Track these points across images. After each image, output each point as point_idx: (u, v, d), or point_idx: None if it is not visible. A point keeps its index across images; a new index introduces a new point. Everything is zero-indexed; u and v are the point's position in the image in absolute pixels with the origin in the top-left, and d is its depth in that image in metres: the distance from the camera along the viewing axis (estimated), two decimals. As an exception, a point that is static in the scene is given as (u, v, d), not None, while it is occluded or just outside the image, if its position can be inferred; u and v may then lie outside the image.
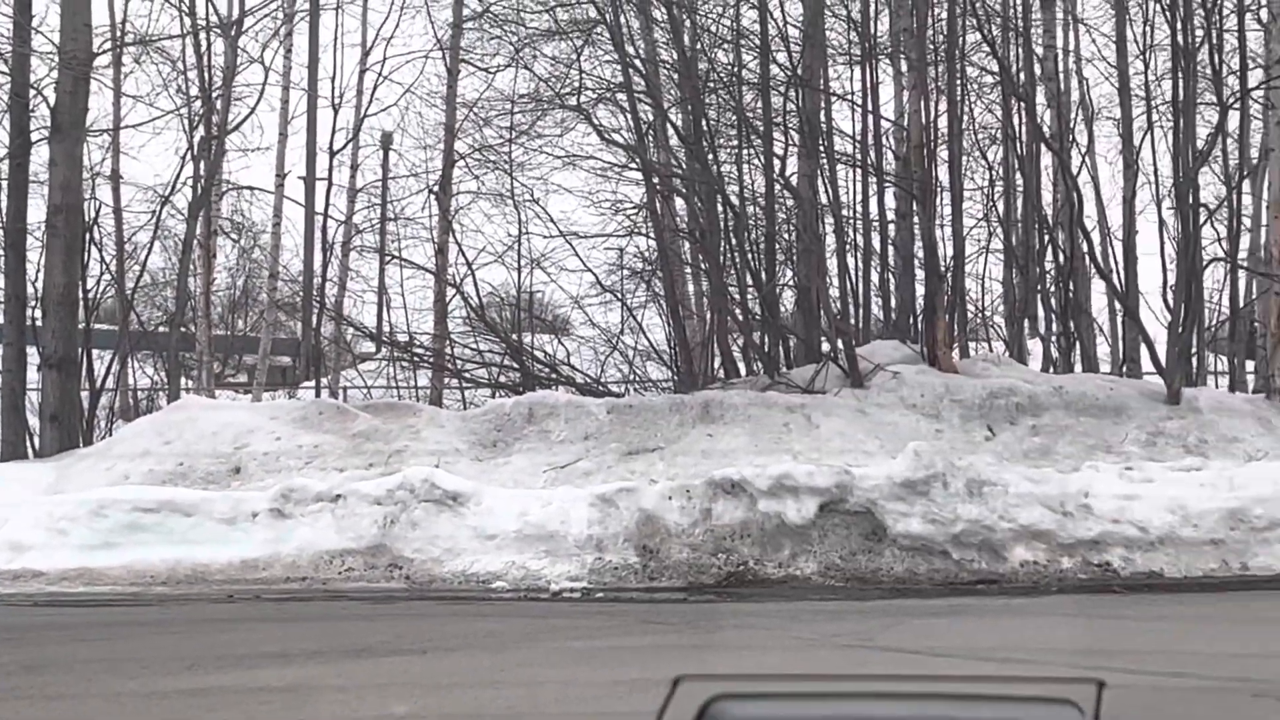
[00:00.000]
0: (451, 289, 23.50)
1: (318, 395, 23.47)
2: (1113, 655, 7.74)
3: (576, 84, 20.27)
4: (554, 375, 19.69)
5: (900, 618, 9.89)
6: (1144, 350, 18.63)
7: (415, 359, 23.58)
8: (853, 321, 19.84)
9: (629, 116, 20.06)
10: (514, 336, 21.75)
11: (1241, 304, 20.97)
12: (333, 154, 25.59)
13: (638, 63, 19.49)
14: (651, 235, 21.53)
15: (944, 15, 19.64)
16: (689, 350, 20.04)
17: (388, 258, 26.30)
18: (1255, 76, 20.00)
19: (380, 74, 25.78)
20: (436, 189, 24.53)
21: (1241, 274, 20.84)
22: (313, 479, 14.12)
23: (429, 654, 8.15)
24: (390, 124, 30.38)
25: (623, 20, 19.34)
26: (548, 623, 10.00)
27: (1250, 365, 20.58)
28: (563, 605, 11.25)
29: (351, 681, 6.97)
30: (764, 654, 7.97)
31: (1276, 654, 8.07)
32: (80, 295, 19.37)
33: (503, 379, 20.06)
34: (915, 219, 18.65)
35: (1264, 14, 20.59)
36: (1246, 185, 21.20)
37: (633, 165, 20.99)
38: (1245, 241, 21.65)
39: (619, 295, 22.28)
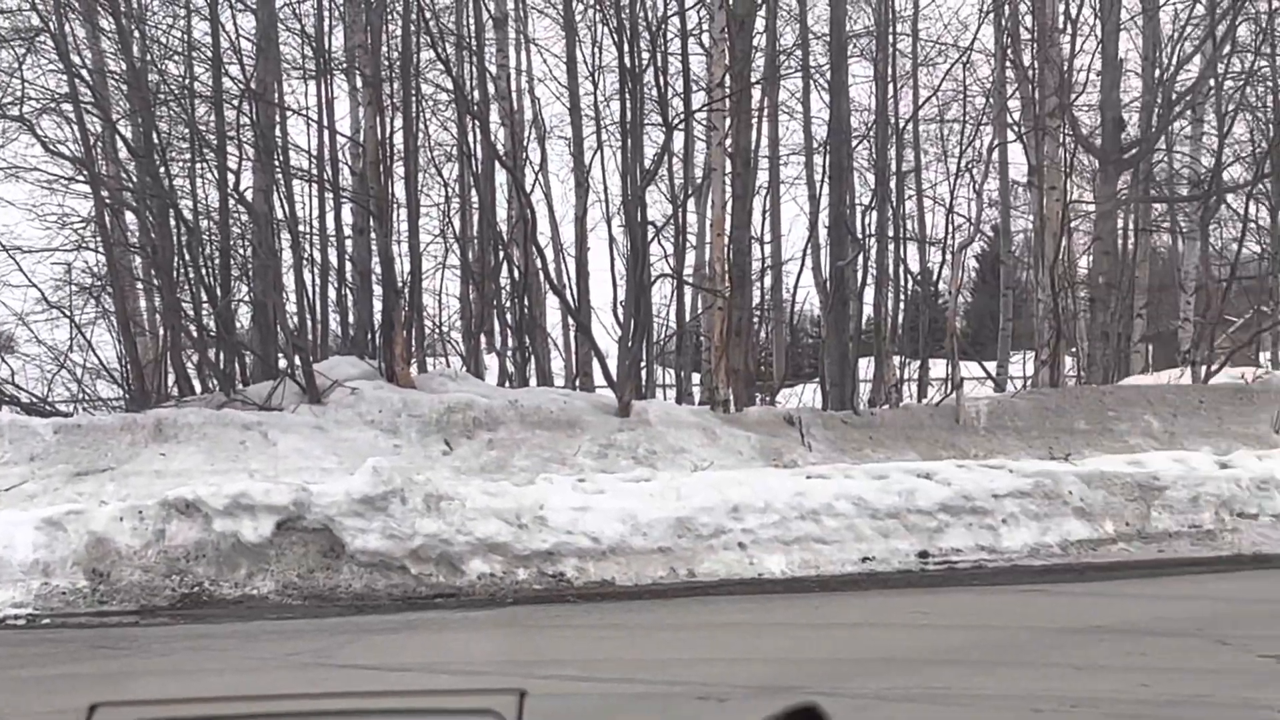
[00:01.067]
0: None
1: None
2: (562, 664, 8.03)
3: (19, 94, 19.24)
4: (-2, 395, 18.58)
5: (358, 634, 9.93)
6: (596, 364, 19.37)
7: None
8: (311, 337, 19.68)
9: (76, 128, 19.20)
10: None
11: (688, 318, 22.17)
12: None
13: (84, 73, 18.69)
14: (101, 250, 20.66)
15: (399, 32, 19.79)
16: (141, 368, 19.34)
17: None
18: (699, 99, 21.26)
19: None
20: None
21: (688, 289, 22.05)
22: None
23: None
24: None
25: (68, 29, 18.50)
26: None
27: (696, 378, 21.77)
28: (7, 634, 10.69)
29: None
30: (219, 676, 7.82)
31: (720, 658, 8.58)
32: None
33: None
34: (373, 235, 18.71)
35: (706, 39, 21.92)
36: (692, 204, 22.45)
37: (80, 178, 20.10)
38: (691, 258, 22.86)
39: (66, 311, 21.26)
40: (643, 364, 19.53)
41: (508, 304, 20.63)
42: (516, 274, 20.28)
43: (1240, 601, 11.51)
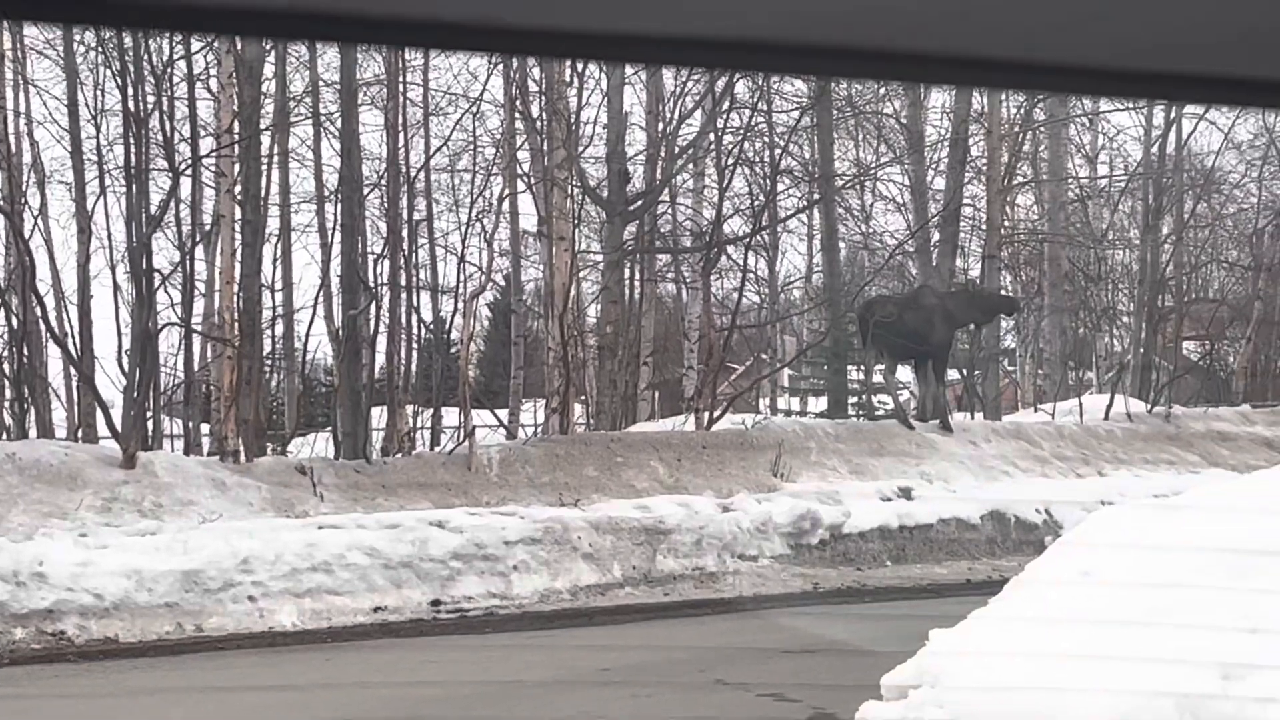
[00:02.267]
0: None
1: None
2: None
3: None
4: None
5: None
6: (100, 415, 18.97)
7: None
8: None
9: None
10: None
11: (196, 368, 21.95)
12: None
13: None
14: None
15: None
16: None
17: None
18: (207, 144, 21.15)
19: None
20: None
21: (196, 338, 21.84)
22: None
23: None
24: None
25: None
26: None
27: (206, 428, 21.56)
28: None
29: None
30: None
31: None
32: None
33: None
34: None
35: (214, 84, 21.85)
36: (200, 251, 22.26)
37: None
38: (200, 306, 22.63)
39: None
40: (149, 415, 19.22)
41: (6, 354, 19.93)
42: (15, 323, 19.63)
43: (738, 643, 12.42)
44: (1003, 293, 27.12)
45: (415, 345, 23.03)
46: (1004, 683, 6.23)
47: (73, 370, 20.63)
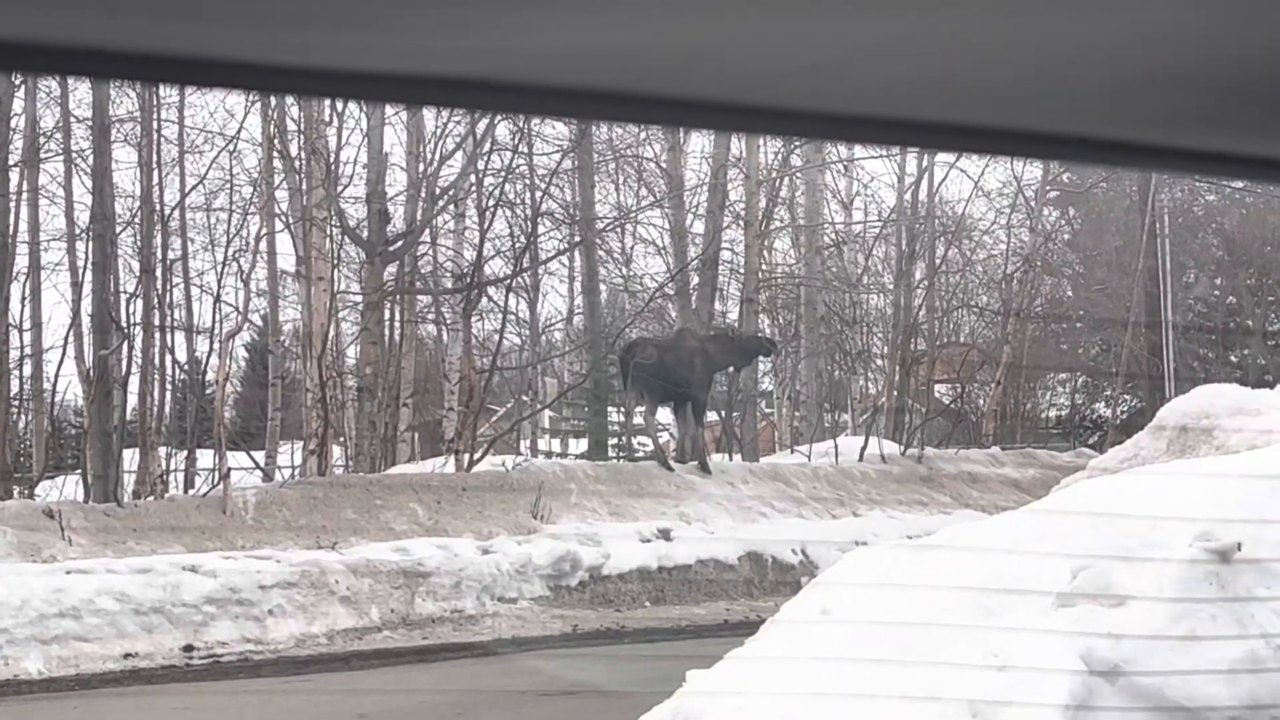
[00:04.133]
0: None
1: None
2: None
3: None
4: None
5: None
6: None
7: None
8: None
9: None
10: None
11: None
12: None
13: None
14: None
15: None
16: None
17: None
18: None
19: None
20: None
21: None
22: None
23: None
24: None
25: None
26: None
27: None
28: None
29: None
30: None
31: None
32: None
33: None
34: None
35: (-43, 115, 21.59)
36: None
37: None
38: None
39: None
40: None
41: None
42: None
43: (496, 686, 12.80)
44: (760, 335, 27.69)
45: (169, 386, 22.96)
46: (756, 720, 6.47)
47: None
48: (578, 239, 29.46)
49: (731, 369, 26.05)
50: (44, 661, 13.60)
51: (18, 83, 20.15)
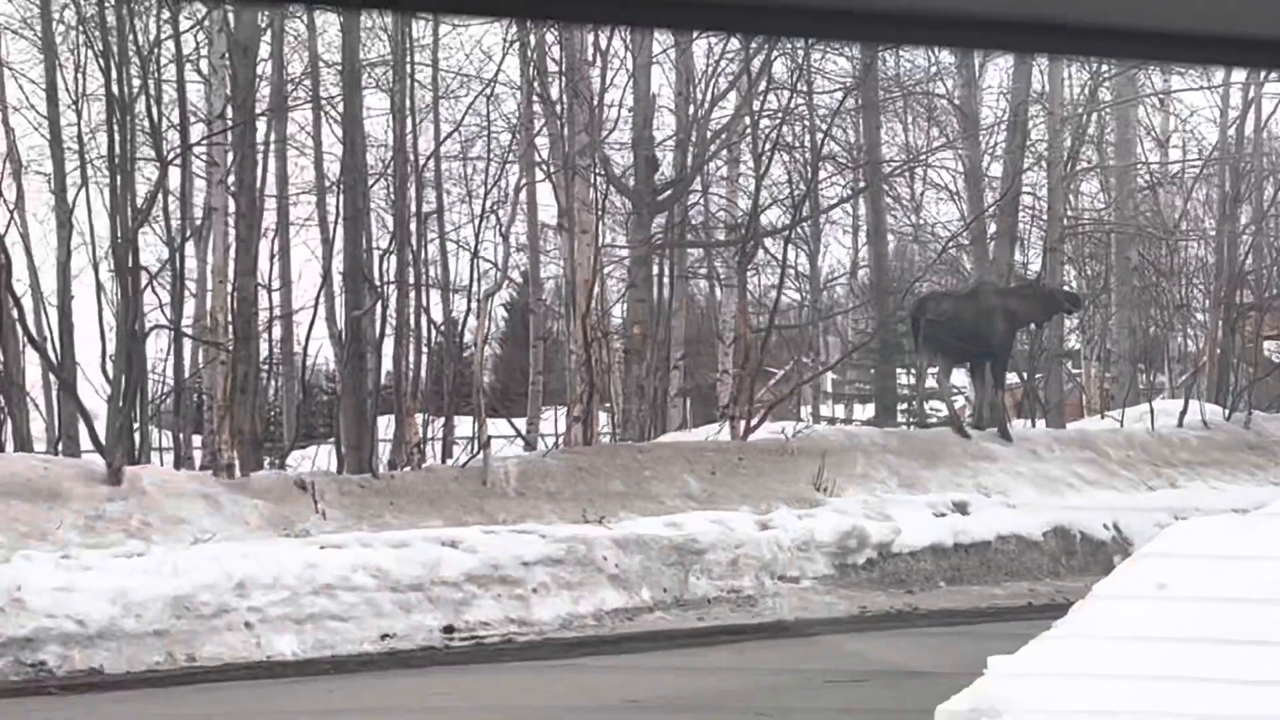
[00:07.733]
0: None
1: None
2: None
3: None
4: None
5: None
6: (82, 426, 19.02)
7: None
8: None
9: None
10: None
11: (187, 375, 22.01)
12: None
13: None
14: None
15: None
16: None
17: None
18: (198, 131, 21.20)
19: None
20: None
21: (187, 342, 21.90)
22: None
23: None
24: None
25: None
26: None
27: (198, 440, 21.60)
28: None
29: None
30: None
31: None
32: None
33: None
34: None
35: (205, 65, 21.89)
36: (191, 247, 22.34)
37: None
38: (190, 307, 22.72)
39: None
40: (136, 426, 19.28)
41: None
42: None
43: (779, 671, 12.37)
44: (1066, 288, 27.04)
45: (425, 348, 23.04)
46: (1070, 707, 6.21)
47: (52, 377, 20.70)
48: (862, 184, 28.91)
49: (1034, 325, 25.37)
50: (298, 643, 13.60)
51: (264, 26, 20.29)
